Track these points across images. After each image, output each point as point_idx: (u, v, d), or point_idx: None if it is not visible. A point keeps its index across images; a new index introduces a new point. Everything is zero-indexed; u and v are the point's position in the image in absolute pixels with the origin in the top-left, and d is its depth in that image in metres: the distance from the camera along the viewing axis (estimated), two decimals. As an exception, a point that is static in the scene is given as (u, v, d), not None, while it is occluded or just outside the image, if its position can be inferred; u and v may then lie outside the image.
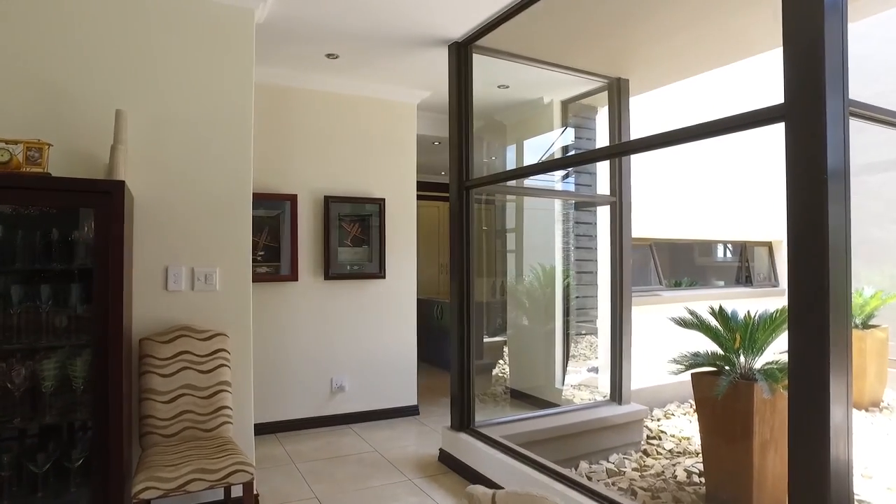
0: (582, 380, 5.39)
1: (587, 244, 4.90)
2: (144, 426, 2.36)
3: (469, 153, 3.43)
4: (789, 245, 1.55)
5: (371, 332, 4.30)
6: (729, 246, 7.28)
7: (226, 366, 2.56)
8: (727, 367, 3.11)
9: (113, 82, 2.45)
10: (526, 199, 5.23)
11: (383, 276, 4.31)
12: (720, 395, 2.85)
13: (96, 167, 2.36)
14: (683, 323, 3.29)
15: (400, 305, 4.42)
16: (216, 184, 2.65)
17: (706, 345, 3.35)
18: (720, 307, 3.13)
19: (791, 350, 1.59)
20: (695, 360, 3.24)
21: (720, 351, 3.22)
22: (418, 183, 5.42)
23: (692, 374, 3.23)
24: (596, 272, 4.92)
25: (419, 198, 7.59)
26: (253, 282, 3.84)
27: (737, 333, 3.02)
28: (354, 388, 4.22)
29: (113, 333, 1.95)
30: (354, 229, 4.23)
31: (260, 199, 3.88)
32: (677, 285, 6.21)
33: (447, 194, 3.60)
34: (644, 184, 4.97)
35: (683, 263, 7.19)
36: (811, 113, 1.47)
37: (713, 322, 3.21)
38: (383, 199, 4.32)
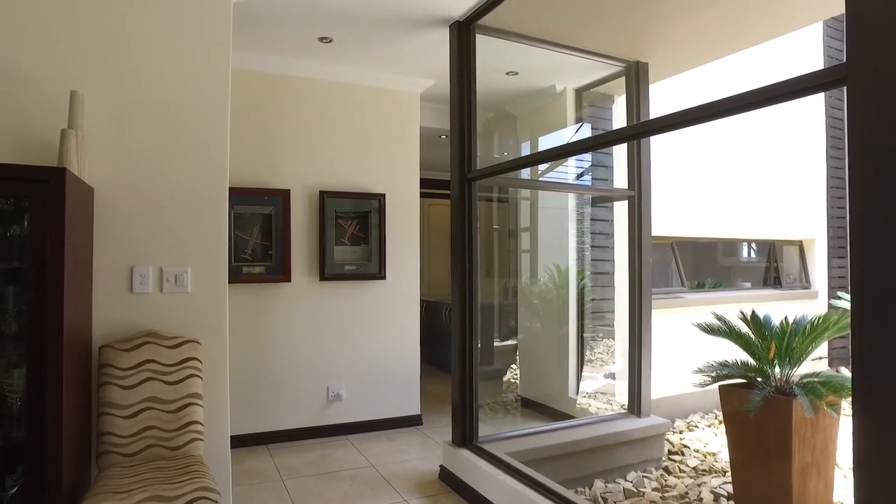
0: (598, 387, 5.06)
1: (603, 243, 4.58)
2: (102, 444, 2.11)
3: (472, 143, 3.15)
4: (853, 237, 1.24)
5: (370, 336, 4.03)
6: (753, 245, 6.92)
7: (196, 376, 2.31)
8: (760, 380, 2.78)
9: (70, 61, 2.21)
10: (540, 198, 4.93)
11: (383, 277, 4.04)
12: (753, 411, 2.52)
13: (51, 155, 2.12)
14: (710, 330, 2.96)
15: (401, 308, 4.14)
16: (189, 175, 2.40)
17: (735, 353, 3.02)
18: (753, 312, 2.80)
19: (856, 363, 1.27)
20: (723, 371, 2.91)
21: (752, 361, 2.89)
22: (427, 180, 5.14)
23: (720, 387, 2.90)
24: (613, 273, 4.60)
25: (428, 196, 7.34)
26: (242, 282, 3.64)
27: (772, 342, 2.69)
28: (352, 396, 3.96)
29: (51, 342, 1.70)
30: (352, 227, 3.97)
31: (250, 195, 3.65)
32: (700, 287, 5.84)
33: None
34: (664, 178, 4.64)
35: (706, 264, 6.82)
36: (888, 68, 1.16)
37: (744, 329, 2.88)
38: (383, 195, 4.04)
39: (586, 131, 4.69)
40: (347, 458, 3.47)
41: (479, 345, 3.27)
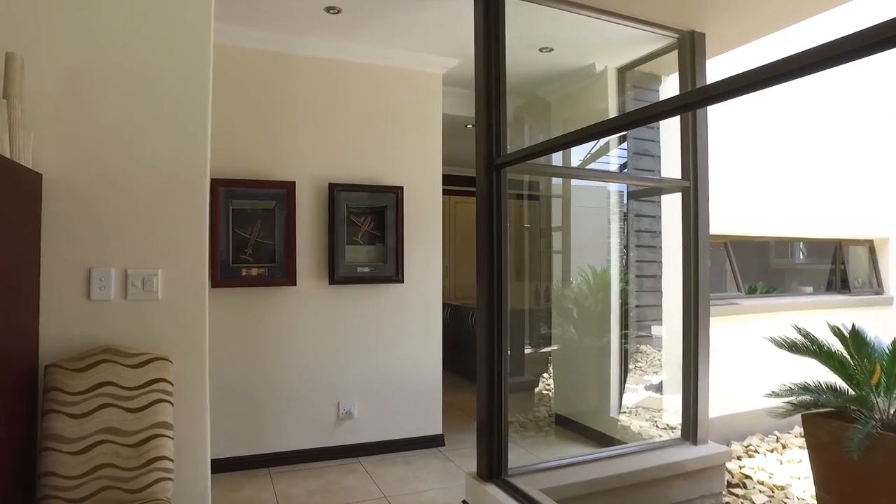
0: (639, 400, 4.54)
1: (649, 242, 4.06)
2: (44, 487, 1.72)
3: (500, 124, 2.69)
4: None
5: (386, 347, 3.60)
6: (801, 245, 6.31)
7: (165, 401, 1.91)
8: (855, 409, 2.25)
9: (10, 18, 1.84)
10: (576, 194, 4.45)
11: (401, 280, 3.60)
12: (857, 452, 1.99)
13: (-12, 134, 1.74)
14: (795, 348, 2.43)
15: (421, 315, 3.70)
16: (160, 161, 2.01)
17: (814, 372, 2.49)
18: (853, 326, 2.27)
19: None
20: (806, 396, 2.38)
21: (842, 384, 2.35)
22: (454, 177, 4.71)
23: (804, 417, 2.38)
24: (660, 276, 4.08)
25: (455, 193, 6.90)
26: (241, 286, 3.25)
27: (876, 364, 2.16)
28: (365, 414, 3.53)
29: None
30: (366, 224, 3.55)
31: (250, 187, 3.26)
32: (751, 292, 5.26)
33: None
34: (715, 171, 4.11)
35: (757, 265, 6.23)
36: None
37: (836, 346, 2.35)
38: (401, 188, 3.61)
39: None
40: (357, 487, 3.05)
41: (509, 353, 2.82)
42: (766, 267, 6.55)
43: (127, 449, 1.81)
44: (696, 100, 2.18)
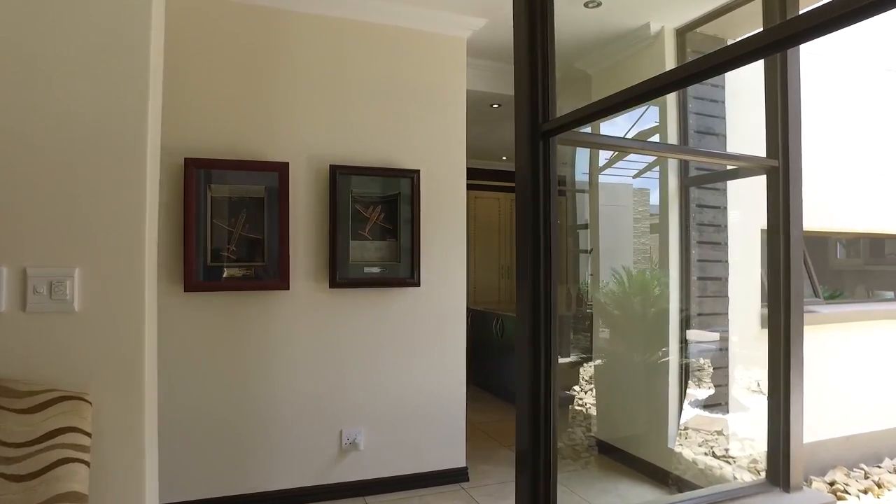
0: (688, 419, 3.87)
1: (714, 237, 3.41)
2: None
3: (547, 82, 2.06)
4: None
5: (399, 363, 3.00)
6: (841, 242, 5.65)
7: (76, 461, 1.32)
8: None
9: None
10: (615, 188, 3.82)
11: (417, 283, 3.00)
12: None
13: None
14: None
15: (441, 325, 3.10)
16: (76, 115, 1.43)
17: None
18: None
19: None
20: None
21: None
22: (476, 170, 4.11)
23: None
24: (726, 278, 3.43)
25: (476, 188, 6.29)
26: (222, 290, 2.64)
27: None
28: (373, 444, 2.93)
29: None
30: (375, 215, 2.95)
31: (234, 170, 2.68)
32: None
33: (512, 184, 2.25)
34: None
35: (815, 267, 5.53)
36: None
37: None
38: (417, 172, 3.01)
39: (651, 119, 3.56)
40: (363, 542, 2.45)
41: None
42: (826, 268, 5.84)
43: (11, 535, 1.23)
44: (803, 28, 1.53)
